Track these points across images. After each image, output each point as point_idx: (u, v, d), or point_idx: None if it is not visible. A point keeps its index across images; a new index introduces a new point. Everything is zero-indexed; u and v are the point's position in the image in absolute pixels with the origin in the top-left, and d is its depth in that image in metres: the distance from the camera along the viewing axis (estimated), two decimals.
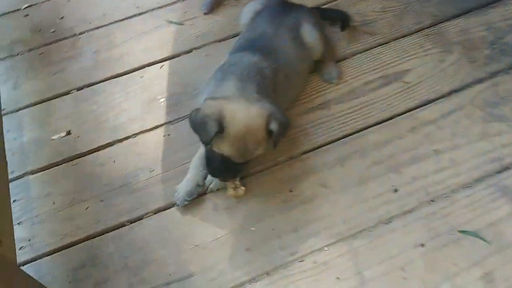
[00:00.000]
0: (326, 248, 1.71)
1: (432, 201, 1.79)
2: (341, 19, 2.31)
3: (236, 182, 1.81)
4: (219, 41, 2.37)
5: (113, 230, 1.79)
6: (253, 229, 1.77)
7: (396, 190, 1.83)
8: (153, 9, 2.53)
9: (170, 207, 1.84)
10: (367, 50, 2.27)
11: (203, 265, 1.69)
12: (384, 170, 1.88)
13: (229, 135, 1.62)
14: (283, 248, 1.72)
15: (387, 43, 2.29)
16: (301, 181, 1.87)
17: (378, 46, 2.28)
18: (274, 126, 1.66)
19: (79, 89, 2.22)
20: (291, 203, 1.82)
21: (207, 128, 1.61)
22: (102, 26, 2.48)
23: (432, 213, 1.76)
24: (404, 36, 2.31)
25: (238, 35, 2.26)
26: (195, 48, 2.34)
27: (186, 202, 1.80)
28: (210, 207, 1.83)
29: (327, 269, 1.67)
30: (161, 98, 2.16)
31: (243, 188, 1.81)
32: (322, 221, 1.78)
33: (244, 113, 1.64)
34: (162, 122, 2.08)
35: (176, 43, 2.37)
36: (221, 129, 1.60)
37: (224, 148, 1.65)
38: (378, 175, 1.87)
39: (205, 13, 2.48)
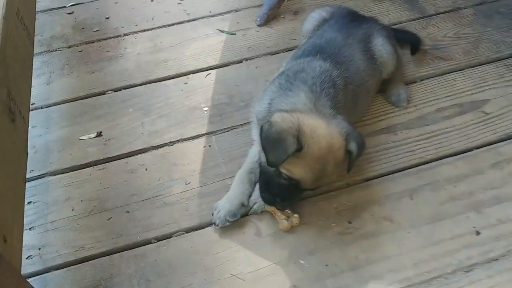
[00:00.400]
0: None
1: None
2: (411, 41, 2.09)
3: (287, 210, 1.54)
4: (272, 54, 2.16)
5: (137, 247, 1.52)
6: (302, 262, 1.47)
7: (478, 233, 1.51)
8: (204, 17, 2.36)
9: (205, 227, 1.56)
10: (439, 75, 2.02)
11: None
12: (462, 208, 1.58)
13: (307, 155, 1.37)
14: None
15: (461, 70, 2.04)
16: (362, 212, 1.58)
17: (452, 72, 2.03)
18: (353, 146, 1.43)
19: (116, 90, 2.02)
20: (349, 236, 1.52)
21: (285, 145, 1.35)
22: (148, 29, 2.31)
23: None
24: (481, 64, 2.06)
25: (293, 50, 2.06)
26: (246, 59, 2.13)
27: (227, 223, 1.52)
28: (252, 231, 1.55)
29: None
30: (204, 107, 1.93)
31: (296, 216, 1.53)
32: (387, 261, 1.46)
33: (325, 130, 1.40)
34: (203, 132, 1.84)
35: (225, 52, 2.17)
36: (300, 147, 1.36)
37: (297, 170, 1.39)
38: (455, 213, 1.56)
39: (259, 25, 2.30)
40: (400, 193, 1.62)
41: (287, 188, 1.43)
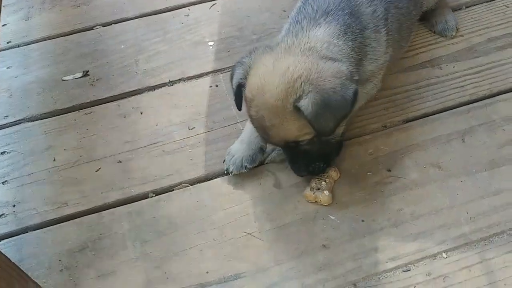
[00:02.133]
0: (444, 255, 1.13)
1: None
2: None
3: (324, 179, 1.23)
4: None
5: (131, 202, 1.26)
6: (332, 218, 1.20)
7: None
8: None
9: (213, 178, 1.30)
10: (489, 1, 1.69)
11: (256, 263, 1.14)
12: None
13: (246, 98, 1.14)
14: (379, 250, 1.14)
15: None
16: (404, 158, 1.30)
17: None
18: (304, 103, 1.06)
19: (105, 25, 1.72)
20: (389, 186, 1.25)
21: (232, 77, 1.17)
22: None
23: None
24: None
25: None
26: None
27: (244, 170, 1.25)
28: (271, 182, 1.28)
29: (448, 286, 1.08)
30: (209, 42, 1.63)
31: (326, 193, 1.22)
32: (437, 215, 1.19)
33: (261, 71, 1.11)
34: (209, 70, 1.55)
35: None
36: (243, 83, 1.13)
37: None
38: None
39: None
40: (449, 135, 1.34)
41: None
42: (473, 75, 1.48)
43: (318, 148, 1.17)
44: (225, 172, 1.27)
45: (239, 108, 1.21)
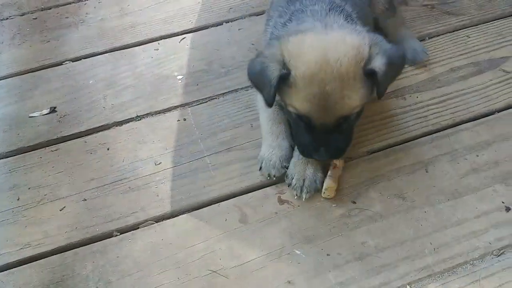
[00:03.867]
0: (408, 287, 1.13)
1: None
2: None
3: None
4: (257, 14, 1.87)
5: (95, 242, 1.25)
6: (298, 252, 1.20)
7: (508, 209, 1.25)
8: None
9: (179, 215, 1.29)
10: (451, 32, 1.74)
11: None
12: (488, 180, 1.31)
13: (297, 79, 1.12)
14: (343, 284, 1.14)
15: (475, 25, 1.76)
16: (369, 190, 1.31)
17: (465, 28, 1.76)
18: (377, 63, 1.12)
19: (75, 60, 1.73)
20: (354, 219, 1.25)
21: (268, 75, 1.13)
22: None
23: None
24: (497, 19, 1.78)
25: None
26: (227, 21, 1.84)
27: (285, 170, 1.29)
28: (236, 217, 1.28)
29: None
30: (178, 75, 1.65)
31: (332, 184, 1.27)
32: (401, 247, 1.20)
33: (316, 41, 1.14)
34: (176, 104, 1.56)
35: (203, 14, 1.88)
36: (286, 71, 1.12)
37: (296, 102, 1.15)
38: (479, 186, 1.30)
39: None
40: (412, 165, 1.36)
41: (309, 130, 1.18)
42: (436, 105, 1.51)
43: (350, 129, 1.22)
44: (268, 177, 1.29)
45: (272, 103, 1.17)
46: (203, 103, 1.56)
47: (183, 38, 1.78)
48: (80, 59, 1.73)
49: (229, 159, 1.39)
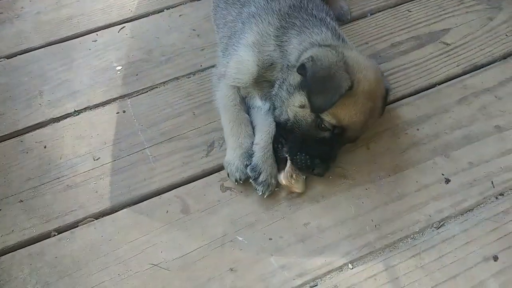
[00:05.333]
0: (350, 266, 1.14)
1: (501, 194, 1.23)
2: None
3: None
4: (198, 0, 1.82)
5: (32, 243, 1.21)
6: (240, 239, 1.19)
7: (447, 181, 1.26)
8: None
9: (119, 210, 1.26)
10: (392, 7, 1.74)
11: None
12: (428, 153, 1.32)
13: (358, 92, 1.16)
14: (286, 267, 1.14)
15: None
16: None
17: (405, 2, 1.75)
18: (386, 83, 1.29)
19: (9, 56, 1.66)
20: (296, 201, 1.25)
21: (337, 83, 1.13)
22: None
23: (503, 211, 1.20)
24: None
25: None
26: (168, 8, 1.79)
27: (248, 172, 1.26)
28: (178, 208, 1.26)
29: None
30: (117, 66, 1.60)
31: (303, 178, 1.26)
32: (342, 226, 1.20)
33: (368, 61, 1.24)
34: (116, 96, 1.52)
35: (143, 1, 1.82)
36: (352, 84, 1.14)
37: (345, 112, 1.16)
38: (420, 160, 1.31)
39: None
40: (354, 143, 1.35)
41: (328, 142, 1.19)
42: None
43: None
44: (235, 182, 1.26)
45: (327, 109, 1.15)
46: (143, 93, 1.52)
47: (122, 28, 1.73)
48: (15, 55, 1.66)
49: (170, 150, 1.37)
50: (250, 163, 1.25)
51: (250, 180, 1.24)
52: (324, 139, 1.19)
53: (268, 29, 1.32)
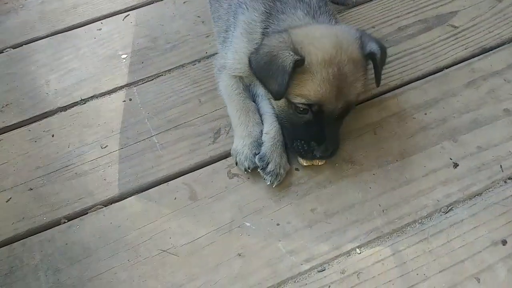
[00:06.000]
0: (358, 251, 1.14)
1: (510, 179, 1.23)
2: None
3: None
4: None
5: (43, 230, 1.22)
6: (248, 224, 1.20)
7: (456, 165, 1.26)
8: None
9: (127, 197, 1.27)
10: None
11: (170, 281, 1.12)
12: (436, 138, 1.32)
13: (313, 63, 1.13)
14: (293, 253, 1.14)
15: None
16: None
17: None
18: (373, 46, 1.19)
19: (15, 46, 1.66)
20: (303, 186, 1.25)
21: (281, 63, 1.12)
22: None
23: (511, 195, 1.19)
24: None
25: None
26: None
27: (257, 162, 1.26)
28: (186, 195, 1.26)
29: (362, 282, 1.09)
30: (123, 55, 1.60)
31: None
32: (350, 211, 1.20)
33: (326, 30, 1.19)
34: (122, 84, 1.52)
35: None
36: (300, 58, 1.12)
37: (309, 88, 1.14)
38: (427, 145, 1.30)
39: None
40: (361, 129, 1.35)
41: (316, 124, 1.17)
42: (384, 66, 1.49)
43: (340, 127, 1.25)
44: (244, 172, 1.26)
45: (284, 92, 1.15)
46: (149, 81, 1.52)
47: (127, 16, 1.73)
48: (21, 45, 1.66)
49: (177, 137, 1.37)
50: (259, 152, 1.24)
51: (259, 170, 1.23)
52: (310, 122, 1.18)
53: (253, 15, 1.30)
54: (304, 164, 1.26)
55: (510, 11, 1.61)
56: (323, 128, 1.18)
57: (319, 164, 1.26)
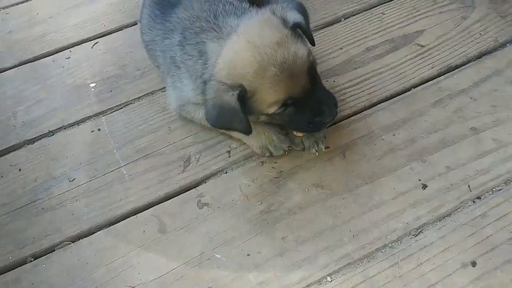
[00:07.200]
0: (329, 278, 1.13)
1: (478, 198, 1.23)
2: None
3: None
4: None
5: (8, 271, 1.19)
6: (218, 256, 1.18)
7: (424, 186, 1.26)
8: None
9: (96, 231, 1.24)
10: (366, 10, 1.73)
11: None
12: (405, 159, 1.32)
13: (254, 82, 1.13)
14: (264, 284, 1.13)
15: (390, 1, 1.75)
16: (286, 183, 1.30)
17: (379, 5, 1.74)
18: (293, 16, 1.19)
19: None
20: (273, 214, 1.24)
21: (229, 107, 1.14)
22: (22, 2, 1.91)
23: (481, 215, 1.20)
24: None
25: None
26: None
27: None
28: (155, 228, 1.25)
29: None
30: (91, 83, 1.58)
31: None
32: (320, 238, 1.20)
33: (239, 45, 1.16)
34: (91, 114, 1.50)
35: (116, 15, 1.81)
36: (241, 90, 1.13)
37: (270, 98, 1.15)
38: (396, 166, 1.31)
39: None
40: (330, 152, 1.35)
41: (303, 108, 1.19)
42: (352, 87, 1.50)
43: (321, 82, 1.25)
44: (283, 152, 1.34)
45: (250, 129, 1.19)
46: (118, 110, 1.51)
47: (95, 43, 1.72)
48: None
49: (146, 167, 1.36)
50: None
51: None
52: (297, 110, 1.19)
53: (175, 47, 1.35)
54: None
55: (474, 28, 1.63)
56: (311, 103, 1.19)
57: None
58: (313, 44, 1.24)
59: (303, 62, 1.16)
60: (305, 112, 1.19)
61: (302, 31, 1.19)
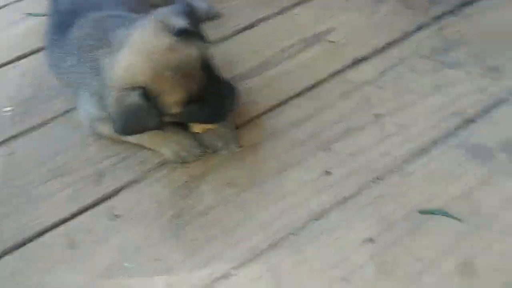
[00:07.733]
0: (233, 272, 1.14)
1: (379, 178, 1.26)
2: None
3: None
4: None
5: None
6: (126, 265, 1.18)
7: (328, 173, 1.29)
8: (9, 3, 1.98)
9: (3, 256, 1.23)
10: (280, 13, 1.78)
11: None
12: (311, 150, 1.35)
13: (154, 84, 1.16)
14: (173, 286, 1.14)
15: (303, 2, 1.80)
16: (199, 186, 1.32)
17: (293, 7, 1.79)
18: (177, 23, 1.19)
19: None
20: (185, 217, 1.26)
21: (135, 107, 1.17)
22: None
23: (380, 195, 1.24)
24: None
25: None
26: None
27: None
28: (64, 243, 1.24)
29: None
30: (7, 107, 1.58)
31: None
32: (230, 234, 1.21)
33: (127, 55, 1.18)
34: (3, 139, 1.49)
35: (38, 37, 1.80)
36: (142, 92, 1.16)
37: (172, 98, 1.18)
38: (302, 158, 1.34)
39: None
40: (242, 152, 1.37)
41: (204, 101, 1.22)
42: (264, 88, 1.52)
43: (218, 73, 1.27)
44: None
45: (160, 125, 1.22)
46: (34, 131, 1.50)
47: (13, 67, 1.72)
48: None
49: (57, 186, 1.35)
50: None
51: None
52: (199, 106, 1.22)
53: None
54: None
55: (384, 21, 1.68)
56: (211, 96, 1.22)
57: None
58: (207, 41, 1.26)
59: (196, 61, 1.19)
60: (207, 105, 1.23)
61: (190, 33, 1.21)
